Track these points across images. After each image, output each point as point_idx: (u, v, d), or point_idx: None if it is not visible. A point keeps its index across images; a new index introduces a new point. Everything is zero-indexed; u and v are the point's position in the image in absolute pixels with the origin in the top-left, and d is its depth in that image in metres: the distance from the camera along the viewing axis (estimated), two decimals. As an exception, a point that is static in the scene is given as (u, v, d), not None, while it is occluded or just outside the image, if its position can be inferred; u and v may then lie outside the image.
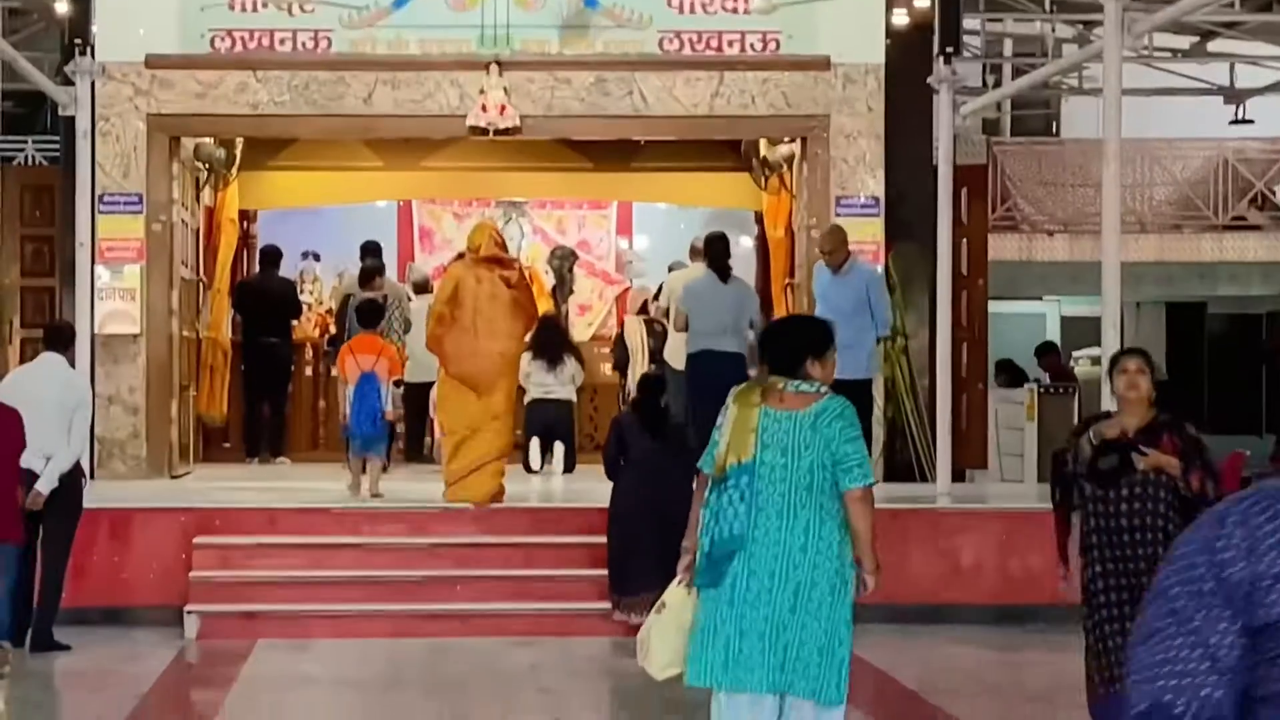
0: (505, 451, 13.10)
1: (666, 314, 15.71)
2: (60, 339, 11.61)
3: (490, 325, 12.71)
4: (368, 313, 14.59)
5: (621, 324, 17.50)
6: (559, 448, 16.13)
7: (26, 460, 11.08)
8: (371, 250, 17.57)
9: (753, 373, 14.69)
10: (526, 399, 16.06)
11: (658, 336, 16.55)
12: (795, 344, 6.75)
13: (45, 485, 11.03)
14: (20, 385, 11.30)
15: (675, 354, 15.20)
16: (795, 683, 6.49)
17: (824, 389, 6.60)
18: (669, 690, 10.29)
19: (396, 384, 14.12)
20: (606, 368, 17.62)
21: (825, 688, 6.48)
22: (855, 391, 12.98)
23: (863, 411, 13.08)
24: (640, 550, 11.43)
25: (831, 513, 6.52)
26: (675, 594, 6.76)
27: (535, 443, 16.10)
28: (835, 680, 6.49)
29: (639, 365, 16.51)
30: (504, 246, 13.58)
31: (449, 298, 12.81)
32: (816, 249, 13.65)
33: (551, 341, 16.18)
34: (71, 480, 11.20)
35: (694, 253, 15.97)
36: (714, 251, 13.70)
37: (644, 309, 17.25)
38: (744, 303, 13.47)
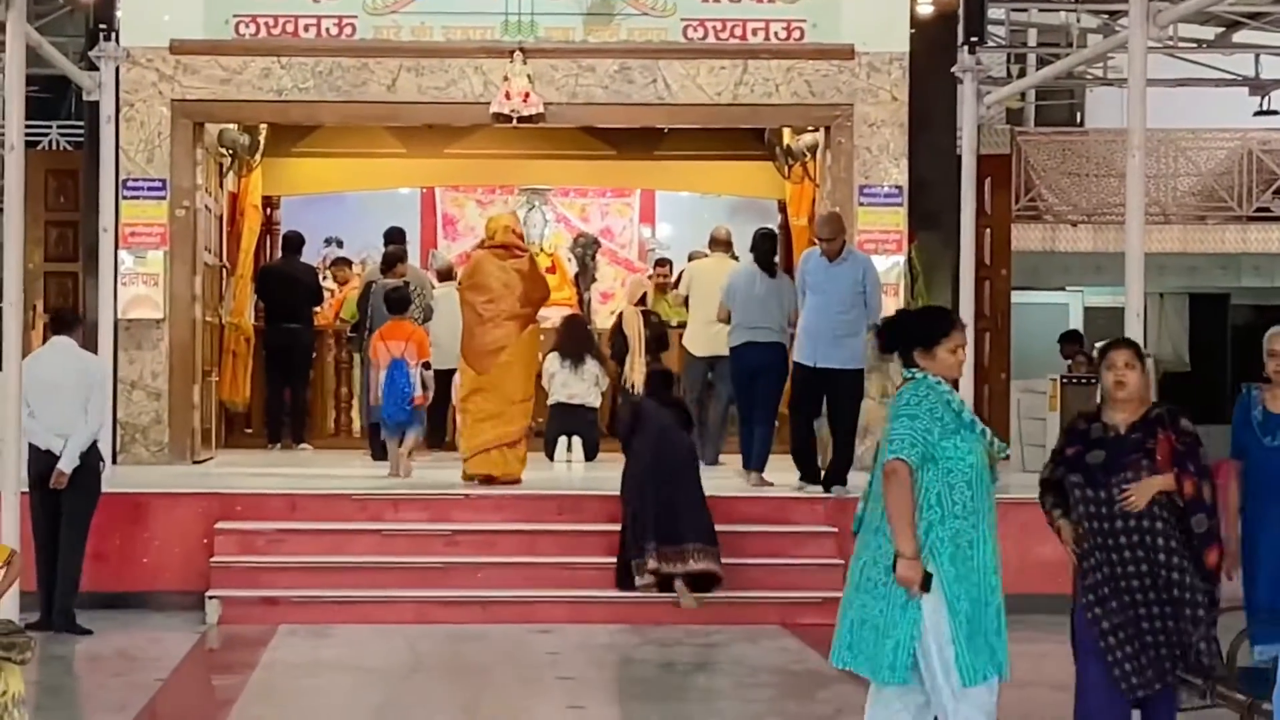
0: (521, 434, 13.56)
1: (686, 302, 15.75)
2: (65, 323, 11.72)
3: (496, 311, 13.39)
4: (396, 300, 14.70)
5: (621, 313, 17.45)
6: (579, 439, 16.13)
7: (46, 441, 11.17)
8: (395, 237, 17.58)
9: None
10: (550, 401, 16.05)
11: (654, 326, 16.57)
12: (900, 334, 6.87)
13: (67, 464, 11.12)
14: (34, 370, 11.32)
15: (694, 340, 15.31)
16: (858, 660, 6.65)
17: (917, 375, 6.69)
18: (686, 677, 10.33)
19: (425, 366, 14.22)
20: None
21: (879, 668, 6.58)
22: (856, 381, 13.03)
23: (858, 401, 13.16)
24: (654, 505, 11.80)
25: None
26: None
27: (561, 439, 16.12)
28: (889, 661, 6.56)
29: (637, 355, 16.47)
30: (521, 238, 14.10)
31: (476, 284, 13.49)
32: (815, 236, 13.60)
33: (578, 341, 16.16)
34: (90, 460, 11.27)
35: (714, 243, 15.95)
36: (762, 249, 13.98)
37: (642, 300, 17.24)
38: (784, 297, 13.56)
